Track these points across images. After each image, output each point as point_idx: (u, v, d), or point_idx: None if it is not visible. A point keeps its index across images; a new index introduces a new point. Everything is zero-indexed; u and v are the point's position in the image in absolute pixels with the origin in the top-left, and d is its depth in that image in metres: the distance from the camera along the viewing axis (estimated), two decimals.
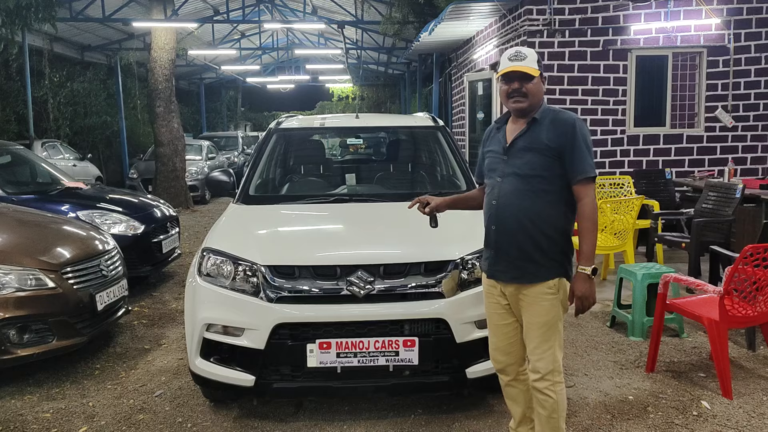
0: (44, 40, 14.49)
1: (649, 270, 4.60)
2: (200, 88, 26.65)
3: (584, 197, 2.55)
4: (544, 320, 2.59)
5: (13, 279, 3.82)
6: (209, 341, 3.16)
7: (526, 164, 2.58)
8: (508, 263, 2.62)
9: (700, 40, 8.12)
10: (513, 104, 2.61)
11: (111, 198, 6.45)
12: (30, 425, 3.39)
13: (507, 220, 2.60)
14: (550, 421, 2.65)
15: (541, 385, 2.61)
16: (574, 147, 2.53)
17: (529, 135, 2.61)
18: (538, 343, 2.61)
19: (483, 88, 10.53)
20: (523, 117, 2.64)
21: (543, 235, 2.57)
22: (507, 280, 2.65)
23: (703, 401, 3.53)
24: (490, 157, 2.74)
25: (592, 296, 2.55)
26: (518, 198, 2.58)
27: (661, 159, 8.31)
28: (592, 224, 2.55)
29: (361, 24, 17.12)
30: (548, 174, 2.56)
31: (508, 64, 2.59)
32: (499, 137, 2.73)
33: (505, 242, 2.61)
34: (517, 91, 2.58)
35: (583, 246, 2.56)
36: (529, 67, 2.56)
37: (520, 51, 2.59)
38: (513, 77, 2.58)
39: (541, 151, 2.56)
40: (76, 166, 13.43)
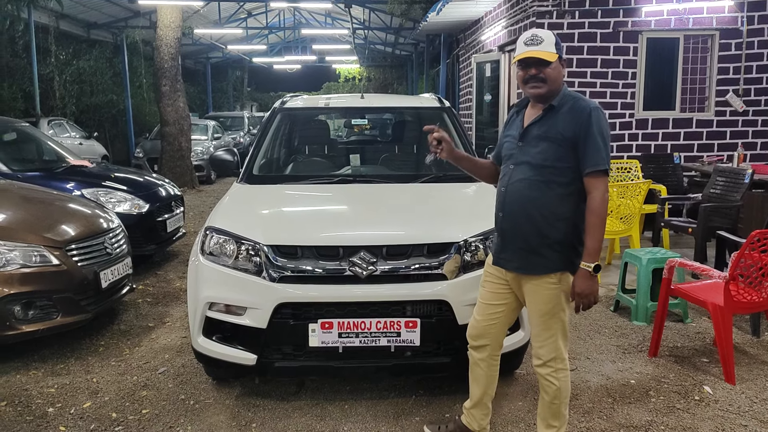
0: (50, 17, 14.45)
1: (655, 255, 4.58)
2: (206, 67, 26.55)
3: (594, 190, 2.44)
4: (545, 309, 2.56)
5: (17, 255, 3.83)
6: (212, 320, 3.17)
7: (539, 153, 2.49)
8: (513, 252, 2.58)
9: (712, 23, 8.00)
10: (531, 90, 2.52)
11: (116, 176, 6.45)
12: (35, 400, 3.42)
13: (514, 208, 2.54)
14: (551, 407, 2.65)
15: (543, 371, 2.61)
16: (588, 137, 2.43)
17: (545, 123, 2.52)
18: (539, 331, 2.60)
19: (491, 69, 10.44)
20: (542, 102, 2.55)
21: (550, 227, 2.49)
22: (511, 268, 2.61)
23: (705, 386, 3.53)
24: (507, 142, 2.67)
25: (592, 294, 2.45)
26: (528, 188, 2.51)
27: (670, 143, 8.24)
28: (600, 219, 2.43)
29: (368, 3, 16.94)
30: (561, 165, 2.47)
31: (524, 49, 2.48)
32: (517, 122, 2.65)
33: (511, 231, 2.57)
34: (534, 77, 2.48)
35: (588, 241, 2.45)
36: (546, 51, 2.45)
37: (537, 34, 2.48)
38: (530, 63, 2.48)
39: (555, 140, 2.47)
40: (82, 144, 13.45)
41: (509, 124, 2.73)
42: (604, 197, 2.44)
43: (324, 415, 3.21)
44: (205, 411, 3.29)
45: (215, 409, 3.30)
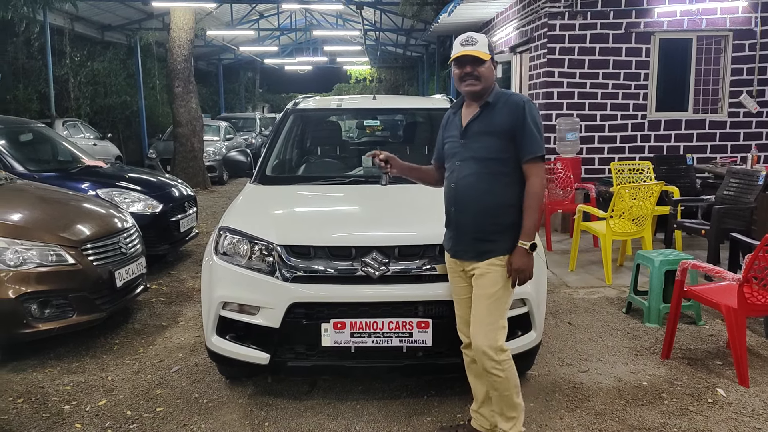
0: (65, 20, 14.60)
1: (667, 256, 4.56)
2: (218, 68, 26.70)
3: (532, 176, 2.65)
4: (491, 291, 2.67)
5: (34, 254, 3.88)
6: (225, 319, 3.20)
7: (482, 148, 2.69)
8: (468, 243, 2.73)
9: (725, 23, 7.95)
10: (466, 87, 2.71)
11: (130, 177, 6.52)
12: (51, 397, 3.47)
13: (466, 202, 2.71)
14: (503, 398, 2.72)
15: (488, 364, 2.67)
16: (524, 127, 2.64)
17: (484, 119, 2.71)
18: (483, 316, 2.68)
19: (502, 70, 10.42)
20: (476, 100, 2.74)
21: (501, 214, 2.68)
22: (467, 258, 2.75)
23: (718, 389, 3.51)
24: (449, 142, 2.83)
25: (528, 270, 2.65)
26: (476, 181, 2.69)
27: (683, 144, 8.19)
28: (537, 202, 2.65)
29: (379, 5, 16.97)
30: (504, 156, 2.67)
31: (460, 48, 2.68)
32: (456, 122, 2.82)
33: (465, 223, 2.73)
34: (469, 74, 2.68)
35: (525, 221, 2.65)
36: (480, 51, 2.66)
37: (472, 36, 2.69)
38: (465, 61, 2.68)
39: (496, 134, 2.68)
40: (96, 145, 13.58)
41: (447, 125, 2.89)
42: (542, 182, 2.68)
43: (336, 415, 3.23)
44: (219, 409, 3.32)
45: (228, 408, 3.33)
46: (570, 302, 5.09)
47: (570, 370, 3.79)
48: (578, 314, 4.80)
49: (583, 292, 5.35)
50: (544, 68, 8.11)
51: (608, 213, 5.56)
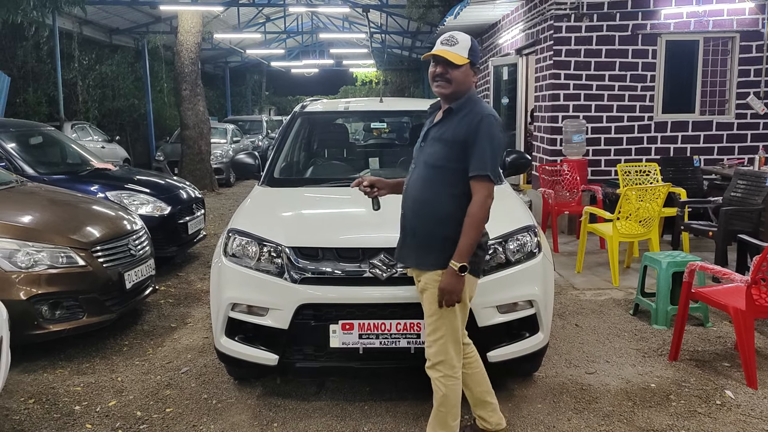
0: (74, 24, 14.72)
1: (675, 258, 4.55)
2: (225, 71, 26.81)
3: (475, 194, 2.49)
4: (433, 308, 2.56)
5: (45, 256, 3.93)
6: (234, 320, 3.22)
7: (433, 154, 2.58)
8: (409, 249, 2.66)
9: (732, 25, 7.93)
10: (435, 88, 2.59)
11: (138, 179, 6.56)
12: (62, 398, 3.51)
13: (410, 206, 2.63)
14: (438, 414, 2.66)
15: (432, 374, 2.62)
16: (476, 142, 2.48)
17: (443, 125, 2.61)
18: (430, 331, 2.61)
19: (508, 73, 10.43)
20: (448, 103, 2.62)
21: (442, 226, 2.53)
22: (409, 264, 2.71)
23: (726, 390, 3.51)
24: (417, 142, 2.77)
25: (455, 292, 2.48)
26: (422, 186, 2.58)
27: (690, 146, 8.17)
28: (474, 222, 2.47)
29: (385, 8, 17.03)
30: (452, 166, 2.52)
31: (438, 47, 2.55)
32: (427, 123, 2.76)
33: (408, 228, 2.66)
34: (440, 75, 2.54)
35: (460, 241, 2.48)
36: (455, 53, 2.50)
37: (454, 36, 2.55)
38: (438, 60, 2.55)
39: (447, 142, 2.54)
40: (105, 147, 13.67)
41: (425, 124, 2.80)
42: (485, 202, 2.49)
43: (344, 416, 3.25)
44: (228, 410, 3.34)
45: (237, 409, 3.35)
46: (577, 304, 5.09)
47: (577, 371, 3.79)
48: (585, 316, 4.80)
49: (590, 294, 5.35)
50: (550, 70, 8.12)
51: (615, 215, 5.55)
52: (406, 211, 2.66)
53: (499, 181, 4.09)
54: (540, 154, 8.74)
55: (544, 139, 8.53)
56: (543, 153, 8.56)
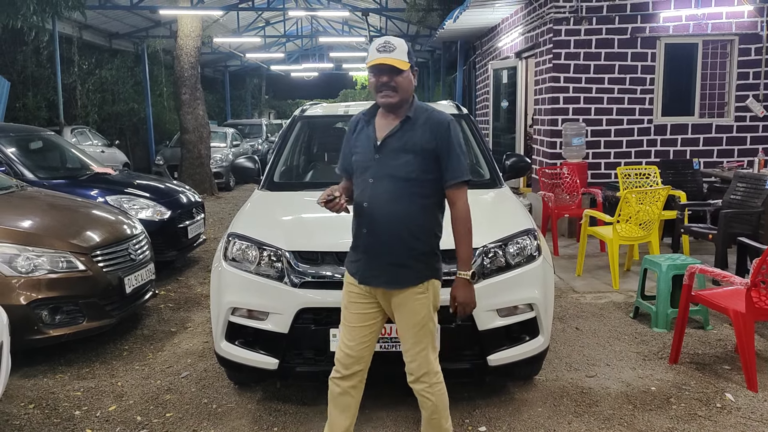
0: (74, 28, 14.74)
1: (675, 261, 4.56)
2: (225, 75, 26.85)
3: (457, 201, 2.49)
4: (415, 320, 2.51)
5: (45, 261, 3.93)
6: (234, 325, 3.22)
7: (403, 166, 2.45)
8: (381, 269, 2.50)
9: (731, 28, 7.94)
10: (382, 99, 2.47)
11: (138, 184, 6.57)
12: (62, 403, 3.50)
13: (380, 224, 2.47)
14: (431, 422, 2.63)
15: (417, 387, 2.58)
16: (450, 150, 2.46)
17: (403, 135, 2.49)
18: (411, 345, 2.54)
19: (508, 76, 10.45)
20: (393, 112, 2.52)
21: (416, 240, 2.48)
22: (379, 284, 2.52)
23: (727, 393, 3.50)
24: (359, 154, 2.57)
25: (472, 302, 2.50)
26: (392, 202, 2.46)
27: (689, 149, 8.18)
28: (468, 228, 2.48)
29: (385, 11, 17.06)
30: (425, 177, 2.47)
31: (377, 55, 2.42)
32: (368, 132, 2.57)
33: (378, 247, 2.49)
34: (386, 84, 2.44)
35: (461, 251, 2.48)
36: (398, 59, 2.41)
37: (389, 41, 2.44)
38: (382, 70, 2.43)
39: (417, 152, 2.46)
40: (104, 152, 13.68)
41: (357, 134, 2.62)
42: (467, 206, 2.50)
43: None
44: (228, 415, 3.34)
45: (237, 413, 3.35)
46: (577, 307, 5.09)
47: (578, 375, 3.79)
48: (585, 319, 4.80)
49: (591, 297, 5.35)
50: (549, 73, 8.13)
51: (615, 218, 5.56)
52: (377, 231, 2.48)
53: (498, 184, 4.10)
54: (540, 158, 8.75)
55: (543, 143, 8.54)
56: (543, 156, 8.57)
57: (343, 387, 2.64)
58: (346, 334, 2.60)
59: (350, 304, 2.61)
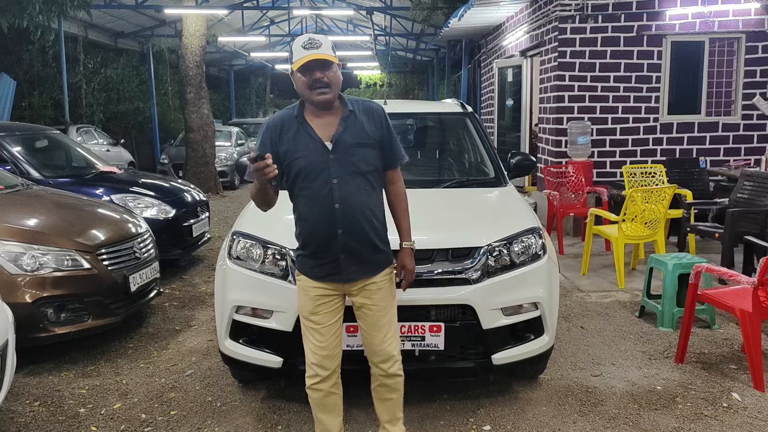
0: (79, 27, 14.78)
1: (681, 260, 4.53)
2: (230, 74, 26.89)
3: (398, 180, 2.69)
4: (389, 301, 2.65)
5: (50, 259, 3.94)
6: (238, 323, 3.22)
7: (361, 160, 2.51)
8: (361, 261, 2.56)
9: (738, 26, 7.90)
10: (318, 96, 2.45)
11: (143, 182, 6.58)
12: (67, 400, 3.51)
13: (356, 220, 2.50)
14: (399, 399, 2.77)
15: (393, 368, 2.67)
16: (391, 135, 2.61)
17: (353, 129, 2.51)
18: (389, 329, 2.65)
19: (513, 74, 10.42)
20: (327, 109, 2.51)
21: (381, 225, 2.61)
22: (361, 276, 2.57)
23: (733, 393, 3.48)
24: (305, 158, 2.49)
25: (414, 269, 2.71)
26: (361, 195, 2.51)
27: (696, 147, 8.14)
28: (407, 203, 2.71)
29: (389, 10, 17.05)
30: (376, 165, 2.58)
31: (304, 53, 2.41)
32: (307, 134, 2.51)
33: (356, 242, 2.52)
34: (319, 81, 2.43)
35: (405, 224, 2.68)
36: (327, 54, 2.41)
37: (314, 38, 2.43)
38: (312, 67, 2.41)
39: (370, 145, 2.54)
40: (110, 151, 13.71)
41: (292, 138, 2.52)
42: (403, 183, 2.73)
43: (349, 419, 3.24)
44: (232, 413, 3.34)
45: (241, 412, 3.35)
46: (582, 306, 5.07)
47: (583, 374, 3.77)
48: (591, 318, 4.78)
49: (596, 296, 5.33)
50: (554, 72, 8.10)
51: (620, 216, 5.53)
52: (353, 229, 2.49)
53: (503, 183, 4.09)
54: (545, 156, 8.72)
55: (549, 141, 8.51)
56: (548, 155, 8.55)
57: (325, 389, 2.67)
58: (317, 336, 2.62)
59: (318, 307, 2.61)
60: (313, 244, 2.57)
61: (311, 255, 2.59)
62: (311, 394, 2.69)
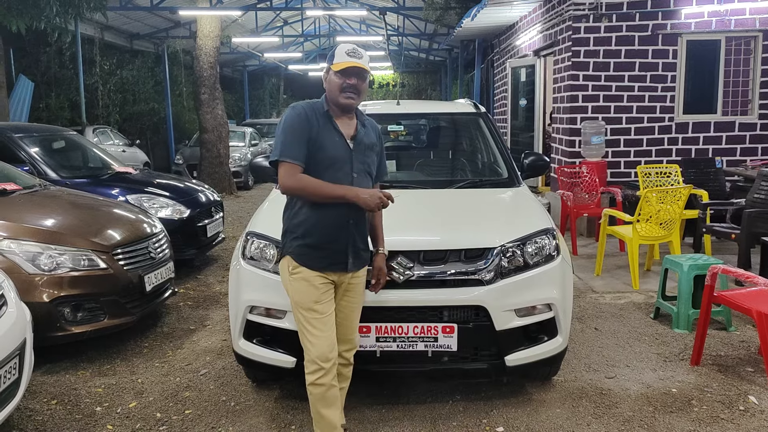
0: (95, 29, 14.93)
1: (696, 261, 4.49)
2: (243, 75, 27.02)
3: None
4: (362, 297, 2.87)
5: (67, 259, 3.98)
6: (252, 323, 3.24)
7: (370, 163, 2.79)
8: (356, 255, 2.75)
9: (755, 24, 7.80)
10: (345, 100, 2.66)
11: (158, 183, 6.63)
12: (83, 399, 3.55)
13: (362, 214, 2.74)
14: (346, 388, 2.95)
15: (352, 357, 2.89)
16: (383, 151, 2.92)
17: (367, 134, 2.79)
18: (357, 320, 2.88)
19: (526, 74, 10.38)
20: (347, 113, 2.74)
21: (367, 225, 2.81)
22: (357, 267, 2.78)
23: (750, 396, 3.45)
24: (330, 149, 2.65)
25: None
26: None
27: (712, 147, 8.06)
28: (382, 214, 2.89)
29: (402, 10, 17.04)
30: (373, 172, 2.83)
31: (348, 59, 2.63)
32: (333, 129, 2.69)
33: (359, 235, 2.75)
34: (353, 87, 2.65)
35: (381, 233, 2.88)
36: (366, 66, 2.66)
37: (357, 49, 2.67)
38: (352, 73, 2.64)
39: (375, 152, 2.83)
40: (125, 151, 13.85)
41: (320, 128, 2.66)
42: None
43: (362, 419, 3.25)
44: (246, 413, 3.36)
45: (255, 411, 3.37)
46: (596, 307, 5.04)
47: (597, 376, 3.75)
48: (605, 319, 4.75)
49: (610, 297, 5.30)
50: (568, 71, 8.06)
51: (635, 217, 5.49)
52: (359, 219, 2.72)
53: (516, 183, 4.08)
54: (558, 156, 8.68)
55: (562, 141, 8.47)
56: (561, 155, 8.50)
57: (328, 383, 2.70)
58: (320, 326, 2.68)
59: (322, 295, 2.70)
60: (323, 231, 2.68)
61: (317, 244, 2.68)
62: (314, 390, 2.71)
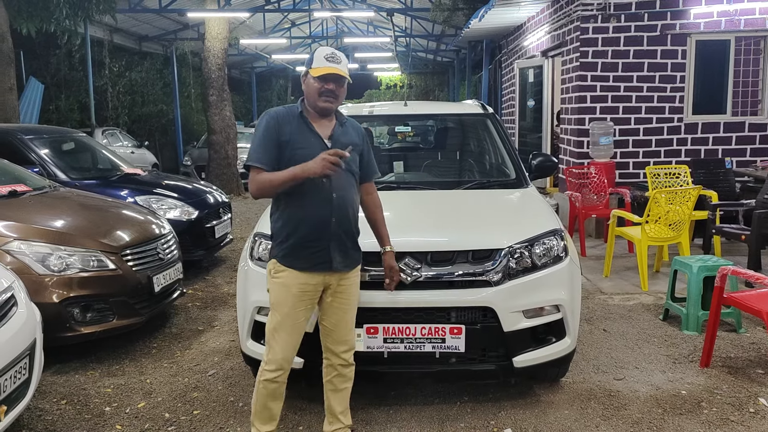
0: (105, 31, 15.04)
1: (706, 262, 4.46)
2: (251, 77, 27.12)
3: (374, 192, 2.96)
4: (357, 297, 2.87)
5: (77, 260, 4.01)
6: (260, 324, 3.24)
7: (352, 161, 2.77)
8: (344, 253, 2.76)
9: (765, 24, 7.75)
10: (323, 103, 2.71)
11: (167, 184, 6.66)
12: (92, 399, 3.57)
13: (345, 212, 2.74)
14: (348, 393, 2.93)
15: (351, 357, 2.88)
16: (369, 151, 2.94)
17: (346, 134, 2.82)
18: (352, 321, 2.86)
19: (534, 75, 10.36)
20: (326, 116, 2.78)
21: (357, 223, 2.83)
22: (344, 267, 2.77)
23: (760, 398, 3.42)
24: (307, 149, 2.67)
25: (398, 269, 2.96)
26: (351, 191, 2.79)
27: (721, 148, 8.01)
28: (383, 212, 2.96)
29: (410, 11, 17.04)
30: (356, 171, 2.84)
31: (326, 64, 2.68)
32: (309, 131, 2.74)
33: (343, 233, 2.75)
34: (330, 92, 2.70)
35: (384, 230, 2.93)
36: (344, 71, 2.69)
37: (336, 53, 2.71)
38: (329, 78, 2.68)
39: (357, 150, 2.83)
40: (134, 153, 13.93)
41: (293, 132, 2.71)
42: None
43: (369, 420, 3.25)
44: None
45: None
46: (605, 309, 5.02)
47: (605, 377, 3.74)
48: (613, 321, 4.73)
49: (619, 299, 5.27)
50: (576, 72, 8.03)
51: (644, 218, 5.47)
52: (340, 218, 2.72)
53: (524, 184, 4.07)
54: (567, 157, 8.65)
55: (570, 142, 8.44)
56: (570, 156, 8.47)
57: (282, 380, 2.79)
58: (290, 333, 2.73)
59: (297, 303, 2.71)
60: (305, 230, 2.70)
61: (301, 243, 2.71)
62: (268, 386, 2.77)
